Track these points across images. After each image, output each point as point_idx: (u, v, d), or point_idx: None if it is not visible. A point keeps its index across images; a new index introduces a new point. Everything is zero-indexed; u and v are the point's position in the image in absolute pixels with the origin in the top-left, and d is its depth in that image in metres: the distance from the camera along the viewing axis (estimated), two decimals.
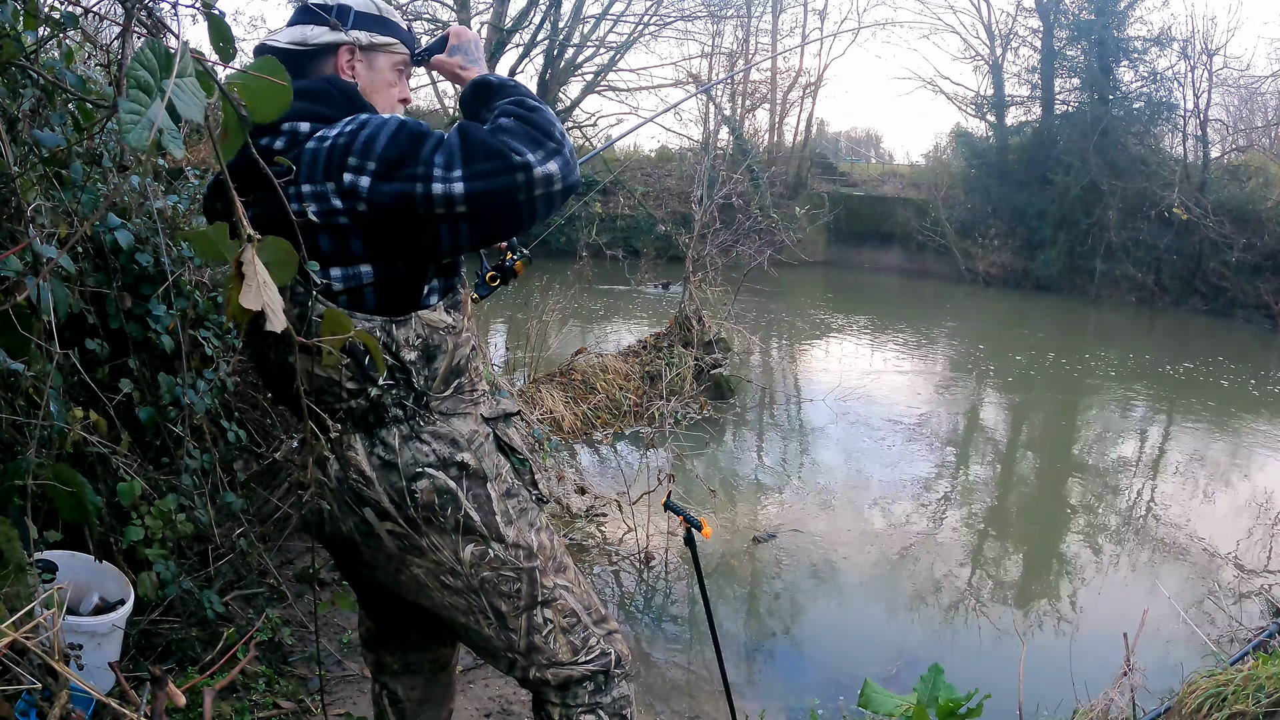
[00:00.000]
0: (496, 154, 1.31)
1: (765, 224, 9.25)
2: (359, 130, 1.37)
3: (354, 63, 1.53)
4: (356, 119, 1.39)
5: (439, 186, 1.32)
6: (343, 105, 1.45)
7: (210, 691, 1.14)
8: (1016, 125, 19.23)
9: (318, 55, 1.51)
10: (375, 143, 1.35)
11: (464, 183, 1.31)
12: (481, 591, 1.55)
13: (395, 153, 1.34)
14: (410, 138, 1.35)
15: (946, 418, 8.48)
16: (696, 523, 2.53)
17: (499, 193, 1.32)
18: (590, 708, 1.66)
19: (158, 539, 2.36)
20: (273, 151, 1.39)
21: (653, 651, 3.89)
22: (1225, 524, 5.73)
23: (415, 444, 1.48)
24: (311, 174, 1.37)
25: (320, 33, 1.50)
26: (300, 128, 1.41)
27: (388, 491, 1.47)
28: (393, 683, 1.87)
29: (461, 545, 1.51)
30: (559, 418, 6.38)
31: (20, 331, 1.59)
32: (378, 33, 1.54)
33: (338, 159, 1.36)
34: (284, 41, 1.50)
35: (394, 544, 1.50)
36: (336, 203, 1.36)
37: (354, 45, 1.52)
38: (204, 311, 2.81)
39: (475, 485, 1.52)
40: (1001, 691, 2.15)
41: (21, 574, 1.36)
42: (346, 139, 1.36)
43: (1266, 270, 14.87)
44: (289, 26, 1.53)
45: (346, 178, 1.35)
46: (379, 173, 1.34)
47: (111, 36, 2.95)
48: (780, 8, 20.86)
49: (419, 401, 1.48)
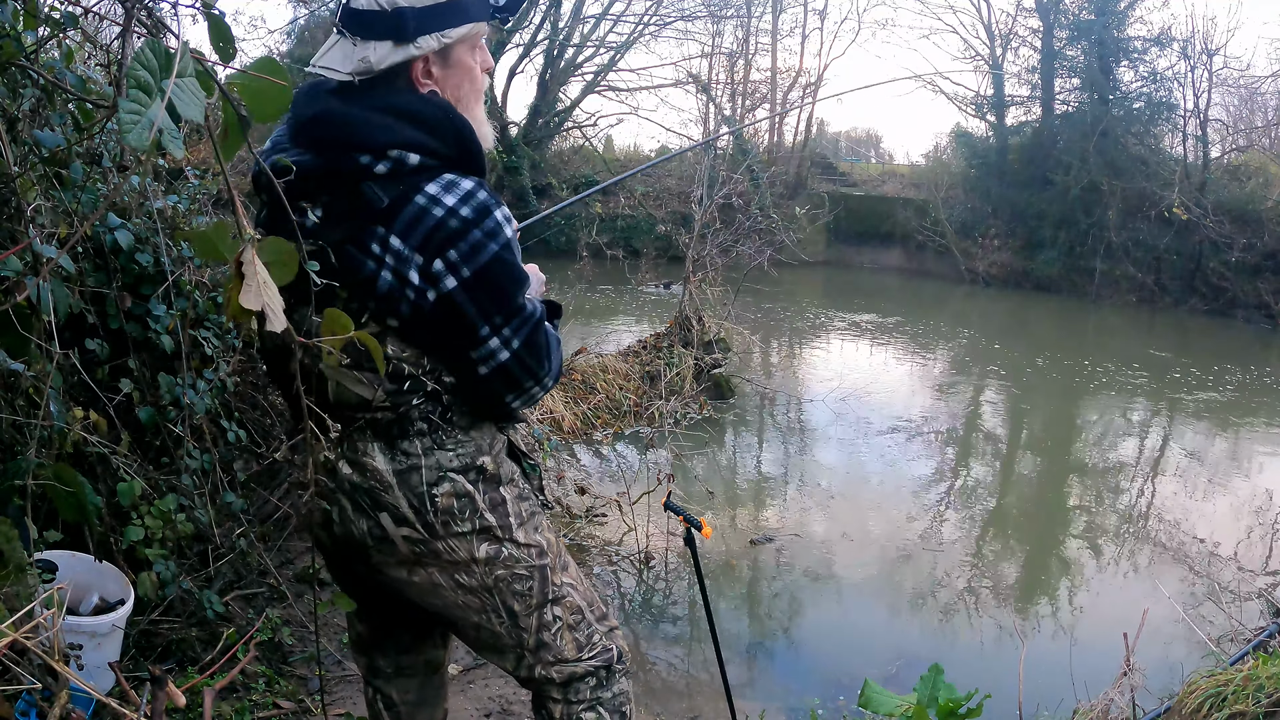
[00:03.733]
0: (543, 359, 1.48)
1: (765, 224, 9.23)
2: (474, 225, 1.34)
3: (429, 69, 1.40)
4: (475, 199, 1.35)
5: (495, 342, 1.41)
6: (457, 145, 1.38)
7: (210, 691, 1.14)
8: (1016, 125, 19.23)
9: (388, 76, 1.36)
10: (482, 253, 1.35)
11: (511, 356, 1.42)
12: (495, 590, 1.55)
13: (492, 278, 1.37)
14: (510, 274, 1.39)
15: (946, 418, 8.48)
16: (696, 523, 2.53)
17: (513, 382, 1.46)
18: (592, 703, 1.67)
19: (158, 539, 2.36)
20: (372, 174, 1.32)
21: (652, 651, 3.89)
22: (1225, 524, 5.73)
23: (439, 452, 1.47)
24: (407, 234, 1.33)
25: (385, 53, 1.33)
26: (409, 159, 1.33)
27: (407, 497, 1.45)
28: (386, 686, 1.86)
29: (477, 545, 1.51)
30: (559, 418, 6.38)
31: (20, 331, 1.59)
32: (449, 26, 1.37)
33: (439, 242, 1.33)
34: (345, 71, 1.34)
35: (408, 549, 1.49)
36: (414, 277, 1.34)
37: (427, 55, 1.38)
38: (204, 311, 2.81)
39: (491, 488, 1.52)
40: (1001, 691, 2.15)
41: (21, 574, 1.36)
42: (458, 226, 1.33)
43: (1266, 270, 14.86)
44: (336, 43, 1.36)
45: (437, 265, 1.34)
46: (468, 284, 1.35)
47: (111, 36, 2.95)
48: (780, 8, 20.87)
49: (444, 416, 1.47)
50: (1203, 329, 14.25)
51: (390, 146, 1.32)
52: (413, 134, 1.33)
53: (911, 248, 18.77)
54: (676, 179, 18.02)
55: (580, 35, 18.68)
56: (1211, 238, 15.18)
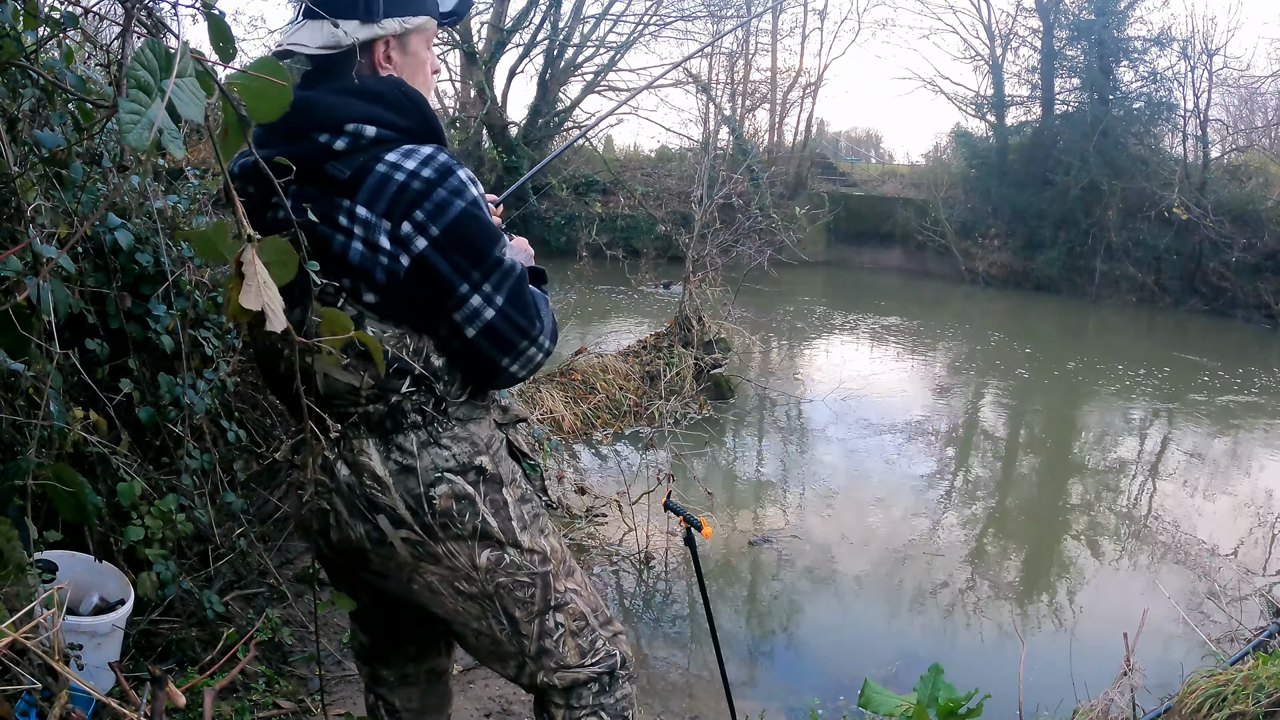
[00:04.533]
0: (532, 316, 1.45)
1: (765, 224, 9.24)
2: (437, 184, 1.35)
3: (389, 53, 1.45)
4: (436, 161, 1.36)
5: (476, 299, 1.39)
6: (416, 116, 1.41)
7: (210, 691, 1.14)
8: (1016, 125, 19.22)
9: (352, 54, 1.41)
10: (448, 210, 1.35)
11: (496, 313, 1.40)
12: (496, 597, 1.53)
13: (462, 236, 1.36)
14: (482, 230, 1.38)
15: (946, 418, 8.48)
16: (696, 523, 2.53)
17: (504, 341, 1.43)
18: (594, 709, 1.65)
19: (158, 539, 2.36)
20: (331, 151, 1.35)
21: (652, 652, 3.89)
22: (1225, 524, 5.73)
23: (434, 449, 1.45)
24: (372, 201, 1.34)
25: (353, 29, 1.40)
26: (366, 131, 1.36)
27: (404, 498, 1.43)
28: (390, 695, 1.84)
29: (478, 551, 1.49)
30: (559, 418, 6.38)
31: (20, 331, 1.59)
32: (409, 14, 1.45)
33: (405, 204, 1.34)
34: (314, 46, 1.40)
35: (408, 552, 1.46)
36: (384, 242, 1.34)
37: (389, 37, 1.44)
38: (204, 311, 2.81)
39: (492, 490, 1.50)
40: (1001, 691, 2.14)
41: (21, 574, 1.36)
42: (422, 187, 1.34)
43: (1266, 270, 14.85)
44: (304, 20, 1.42)
45: (405, 228, 1.34)
46: (438, 243, 1.35)
47: (111, 36, 2.95)
48: (780, 7, 20.86)
49: (438, 407, 1.45)
50: (1203, 329, 14.25)
51: (346, 121, 1.35)
52: (368, 109, 1.37)
53: (911, 248, 18.77)
54: (677, 179, 18.01)
55: (580, 35, 18.67)
56: (1211, 238, 15.18)
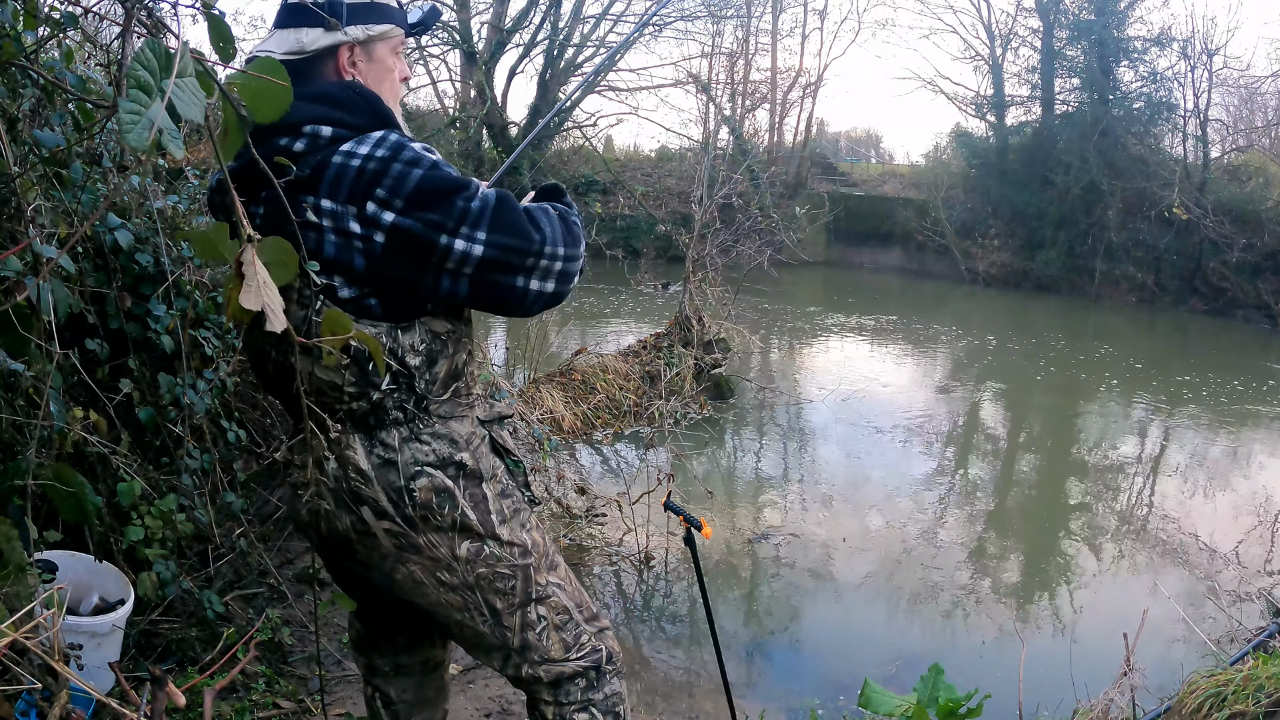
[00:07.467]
0: (529, 232, 1.42)
1: (765, 224, 9.24)
2: (391, 160, 1.36)
3: (354, 59, 1.49)
4: (388, 141, 1.38)
5: (460, 244, 1.38)
6: (368, 113, 1.43)
7: (210, 691, 1.14)
8: (1016, 125, 19.22)
9: (316, 60, 1.46)
10: (407, 180, 1.35)
11: (484, 246, 1.38)
12: (477, 588, 1.56)
13: (426, 196, 1.36)
14: (444, 184, 1.37)
15: (946, 418, 8.48)
16: (696, 522, 2.53)
17: (507, 266, 1.41)
18: (583, 705, 1.67)
19: (158, 539, 2.36)
20: (291, 153, 1.37)
21: (653, 651, 3.89)
22: (1225, 524, 5.73)
23: (415, 444, 1.48)
24: (334, 192, 1.36)
25: (315, 36, 1.44)
26: (322, 131, 1.38)
27: (386, 490, 1.47)
28: (385, 685, 1.87)
29: (458, 543, 1.52)
30: (559, 418, 6.38)
31: (20, 331, 1.59)
32: (373, 22, 1.49)
33: (365, 186, 1.35)
34: (280, 53, 1.44)
35: (390, 543, 1.50)
36: (354, 227, 1.36)
37: (353, 44, 1.47)
38: (204, 311, 2.81)
39: (472, 484, 1.53)
40: (1001, 691, 2.15)
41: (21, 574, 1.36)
42: (378, 166, 1.36)
43: (1266, 270, 14.86)
44: (277, 30, 1.47)
45: (370, 207, 1.35)
46: (405, 210, 1.35)
47: (111, 36, 2.95)
48: (780, 8, 20.86)
49: (419, 404, 1.48)
50: (1203, 329, 14.26)
51: (303, 124, 1.38)
52: (324, 111, 1.39)
53: (911, 248, 18.77)
54: (676, 179, 18.01)
55: (580, 35, 18.67)
56: (1211, 238, 15.18)
